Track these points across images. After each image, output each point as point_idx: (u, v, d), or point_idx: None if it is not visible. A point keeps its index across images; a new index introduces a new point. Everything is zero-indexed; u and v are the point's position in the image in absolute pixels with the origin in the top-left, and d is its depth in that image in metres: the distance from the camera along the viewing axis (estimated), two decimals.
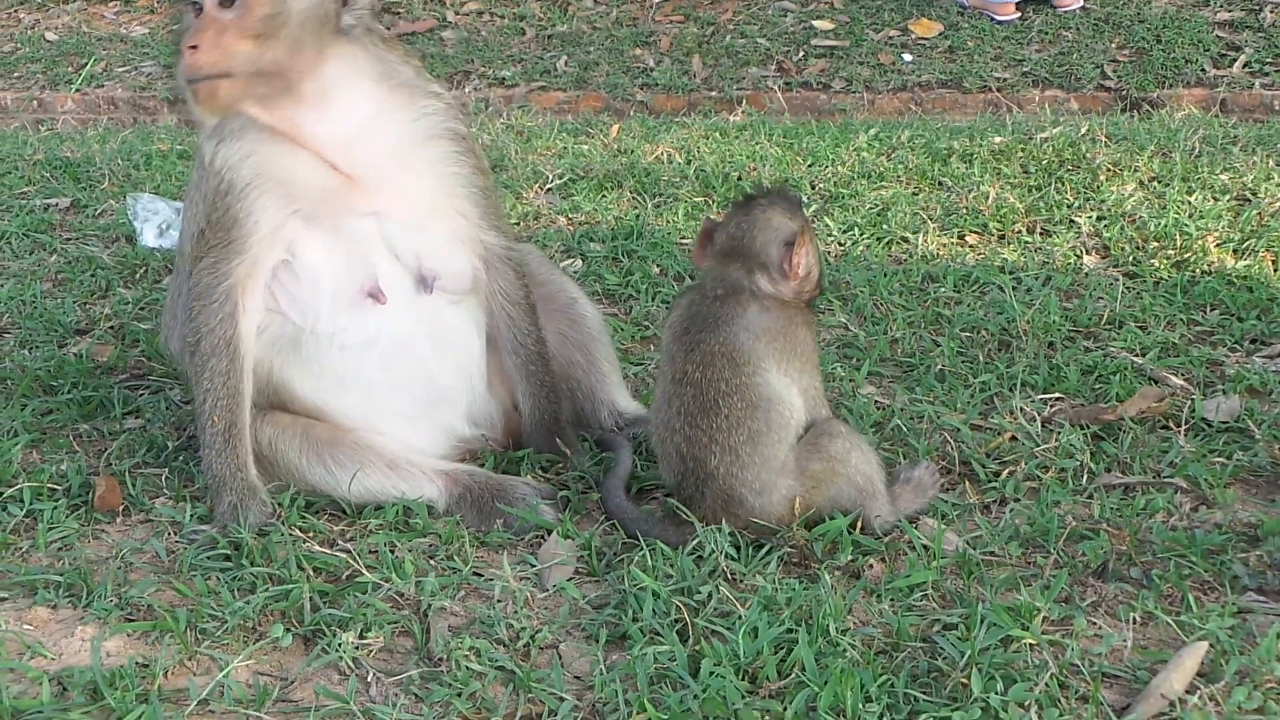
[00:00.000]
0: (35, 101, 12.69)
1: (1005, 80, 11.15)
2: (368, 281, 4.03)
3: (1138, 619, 3.39)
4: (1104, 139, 7.54)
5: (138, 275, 6.28)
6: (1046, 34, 11.66)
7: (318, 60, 3.94)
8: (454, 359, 4.23)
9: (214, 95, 3.86)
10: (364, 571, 3.68)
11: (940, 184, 7.00)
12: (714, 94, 11.42)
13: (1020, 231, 6.26)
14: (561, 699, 3.20)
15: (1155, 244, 5.92)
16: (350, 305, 4.04)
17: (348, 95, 4.01)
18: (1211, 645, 3.23)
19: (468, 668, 3.29)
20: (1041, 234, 6.23)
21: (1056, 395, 4.64)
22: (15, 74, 13.19)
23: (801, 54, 11.91)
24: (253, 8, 3.83)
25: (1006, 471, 4.14)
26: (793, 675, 3.19)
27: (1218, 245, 5.80)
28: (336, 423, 4.14)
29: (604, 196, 7.03)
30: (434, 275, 4.10)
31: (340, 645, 3.39)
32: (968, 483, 4.12)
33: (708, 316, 3.77)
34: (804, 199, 3.93)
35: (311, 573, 3.69)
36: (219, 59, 3.80)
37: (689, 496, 3.73)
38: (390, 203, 4.06)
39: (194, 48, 3.78)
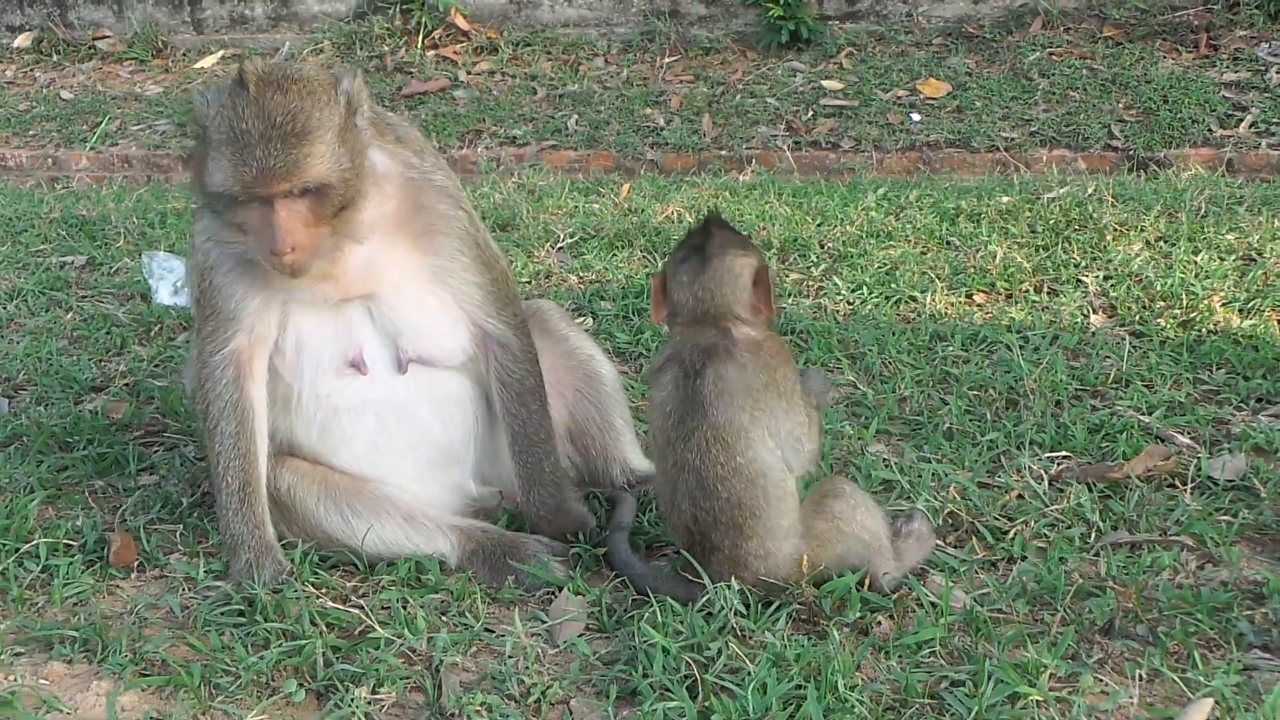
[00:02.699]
0: (50, 159, 12.79)
1: (1013, 140, 11.21)
2: (351, 352, 4.10)
3: (1144, 676, 3.41)
4: (1111, 199, 7.59)
5: (153, 333, 6.33)
6: (1054, 94, 11.73)
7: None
8: (458, 422, 4.27)
9: (307, 272, 3.91)
10: (377, 627, 3.71)
11: (948, 243, 7.05)
12: (724, 153, 11.49)
13: (1028, 291, 6.30)
14: None
15: (1162, 303, 5.95)
16: (335, 373, 4.11)
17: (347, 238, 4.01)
18: (1217, 702, 3.25)
19: None
20: (1049, 293, 6.27)
21: (1064, 453, 4.67)
22: (30, 132, 13.29)
23: (810, 113, 11.98)
24: (328, 195, 3.82)
25: (1014, 529, 4.16)
26: None
27: (1223, 305, 5.83)
28: (351, 475, 4.19)
29: (614, 255, 7.08)
30: (411, 356, 4.14)
31: (353, 701, 3.42)
32: (975, 540, 4.14)
33: (695, 400, 3.73)
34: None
35: (324, 628, 3.72)
36: (308, 250, 3.83)
37: (698, 559, 3.75)
38: (380, 289, 4.10)
39: (286, 249, 3.78)
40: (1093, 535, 4.13)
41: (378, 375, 4.12)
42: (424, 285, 4.14)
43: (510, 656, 3.61)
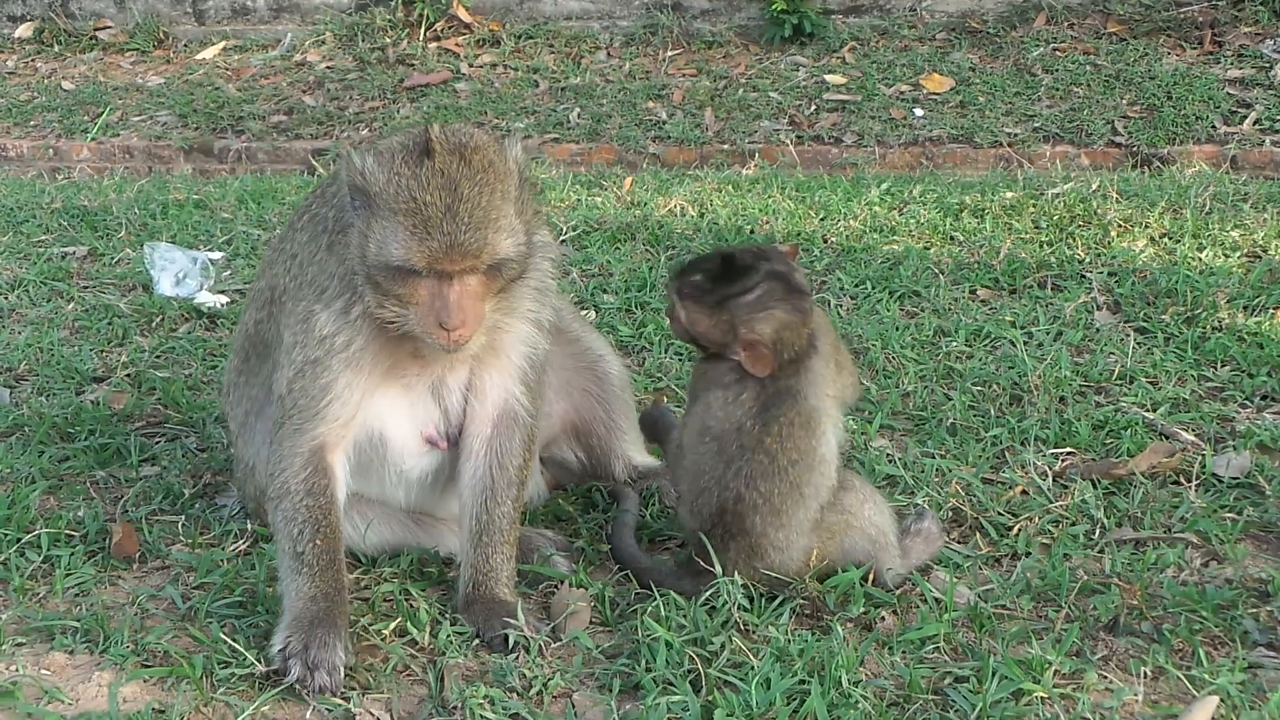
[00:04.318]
0: (51, 150, 12.79)
1: (1016, 135, 11.21)
2: (427, 429, 3.98)
3: (1149, 673, 3.40)
4: (1115, 195, 7.58)
5: (154, 324, 6.32)
6: (1057, 90, 11.73)
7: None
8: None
9: (465, 348, 3.71)
10: (379, 620, 3.70)
11: (952, 239, 7.04)
12: (726, 147, 11.49)
13: (1031, 286, 6.29)
14: None
15: (1166, 300, 5.95)
16: (413, 451, 4.00)
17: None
18: (1222, 700, 3.24)
19: (482, 716, 3.31)
20: (1053, 289, 6.26)
21: (1068, 450, 4.66)
22: (31, 122, 13.30)
23: (813, 108, 11.99)
24: (503, 271, 3.63)
25: (1018, 525, 4.16)
26: None
27: (1228, 302, 5.82)
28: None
29: (617, 249, 7.07)
30: (459, 426, 4.03)
31: (355, 693, 3.41)
32: (979, 536, 4.14)
33: (785, 390, 3.76)
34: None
35: None
36: (475, 325, 3.64)
37: (716, 546, 3.74)
38: (455, 369, 3.96)
39: (458, 324, 3.59)
40: (1097, 532, 4.12)
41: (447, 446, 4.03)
42: (485, 362, 3.97)
43: (512, 650, 3.60)
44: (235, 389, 4.32)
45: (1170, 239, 6.81)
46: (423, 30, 13.79)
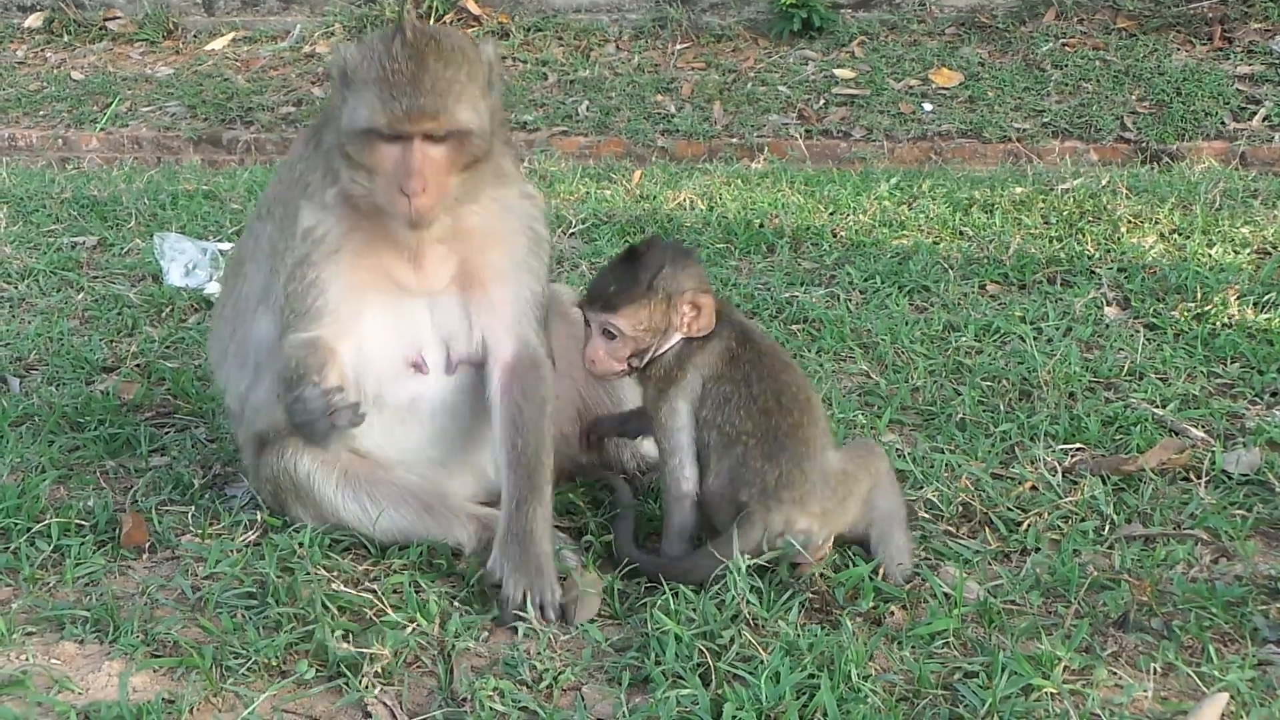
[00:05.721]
0: (61, 140, 12.80)
1: (1025, 131, 11.20)
2: (412, 354, 4.10)
3: (1158, 669, 3.40)
4: (1125, 191, 7.58)
5: (164, 314, 6.33)
6: (1066, 85, 11.71)
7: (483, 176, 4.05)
8: (486, 416, 4.24)
9: (428, 224, 3.90)
10: (389, 611, 3.70)
11: (961, 233, 7.04)
12: (735, 140, 11.49)
13: (1041, 282, 6.29)
14: None
15: (1176, 296, 5.94)
16: (394, 375, 4.10)
17: (470, 205, 4.06)
18: (1232, 697, 3.24)
19: (491, 708, 3.31)
20: (1062, 284, 6.25)
21: (1077, 445, 4.66)
22: (41, 112, 13.30)
23: (822, 102, 11.98)
24: (465, 144, 3.87)
25: (1027, 521, 4.16)
26: None
27: (1238, 298, 5.81)
28: (373, 460, 4.18)
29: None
30: (461, 358, 4.16)
31: (364, 684, 3.41)
32: (988, 531, 4.14)
33: (764, 345, 3.99)
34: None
35: (336, 612, 3.71)
36: (437, 196, 3.84)
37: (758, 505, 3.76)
38: (444, 287, 4.12)
39: (419, 190, 3.80)
40: (1107, 528, 4.12)
41: (438, 375, 4.14)
42: (489, 290, 4.15)
43: (522, 642, 3.61)
44: (214, 331, 4.52)
45: (1180, 235, 6.80)
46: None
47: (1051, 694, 3.27)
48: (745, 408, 3.81)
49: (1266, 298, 5.83)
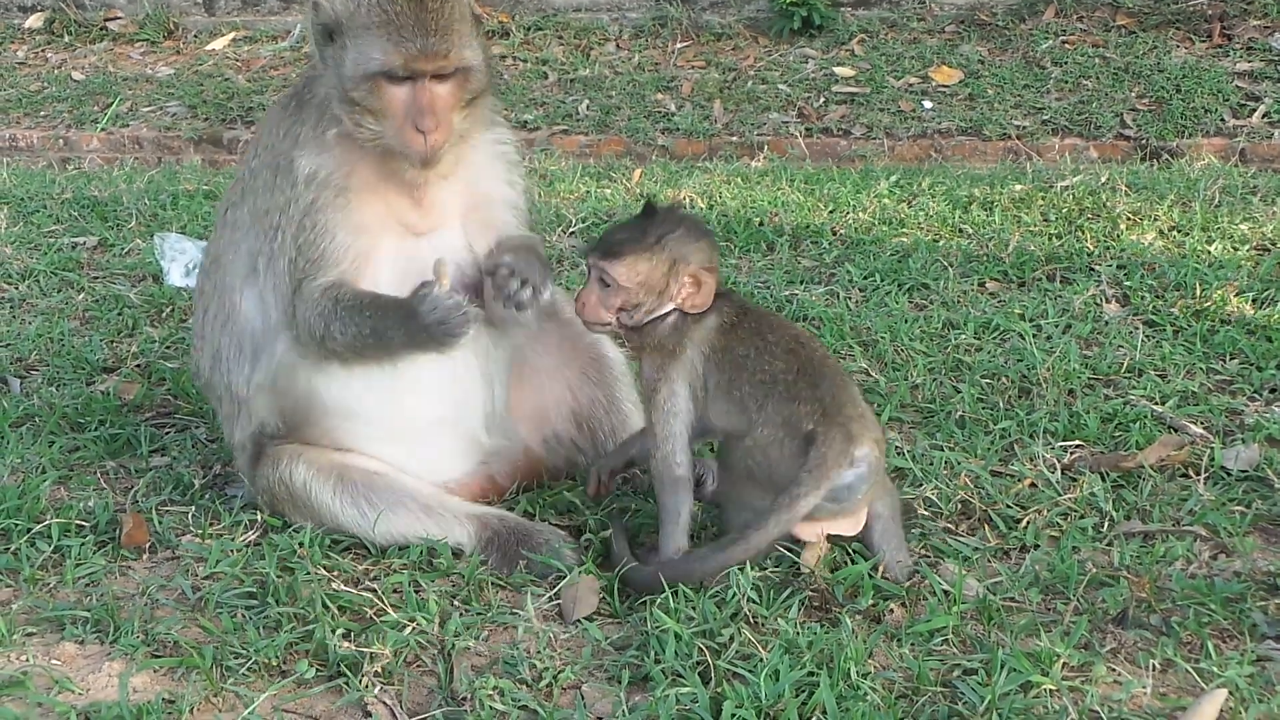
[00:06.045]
0: (61, 140, 12.80)
1: (1025, 128, 11.20)
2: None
3: (1157, 666, 3.40)
4: (1124, 188, 7.58)
5: (164, 314, 6.34)
6: (1066, 82, 11.71)
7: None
8: (478, 365, 4.26)
9: (439, 160, 4.03)
10: (389, 610, 3.71)
11: (961, 231, 7.04)
12: (735, 139, 11.48)
13: (1040, 279, 6.29)
14: None
15: (1175, 293, 5.94)
16: None
17: (469, 140, 4.18)
18: (1231, 693, 3.24)
19: (491, 707, 3.31)
20: (1062, 282, 6.25)
21: (1076, 442, 4.66)
22: (41, 113, 13.31)
23: (822, 100, 11.98)
24: (469, 80, 4.02)
25: (1026, 518, 4.16)
26: (814, 718, 3.20)
27: (1237, 295, 5.82)
28: (360, 429, 4.21)
29: None
30: (465, 285, 4.18)
31: (365, 684, 3.42)
32: (987, 528, 4.14)
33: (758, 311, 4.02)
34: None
35: (336, 611, 3.72)
36: (447, 133, 3.99)
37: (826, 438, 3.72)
38: (447, 223, 4.20)
39: (433, 126, 3.95)
40: (1106, 525, 4.12)
41: None
42: (485, 216, 4.29)
43: (522, 641, 3.61)
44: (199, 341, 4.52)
45: (1179, 232, 6.80)
46: None
47: (1050, 691, 3.27)
48: (769, 352, 3.80)
49: (1265, 294, 5.83)
